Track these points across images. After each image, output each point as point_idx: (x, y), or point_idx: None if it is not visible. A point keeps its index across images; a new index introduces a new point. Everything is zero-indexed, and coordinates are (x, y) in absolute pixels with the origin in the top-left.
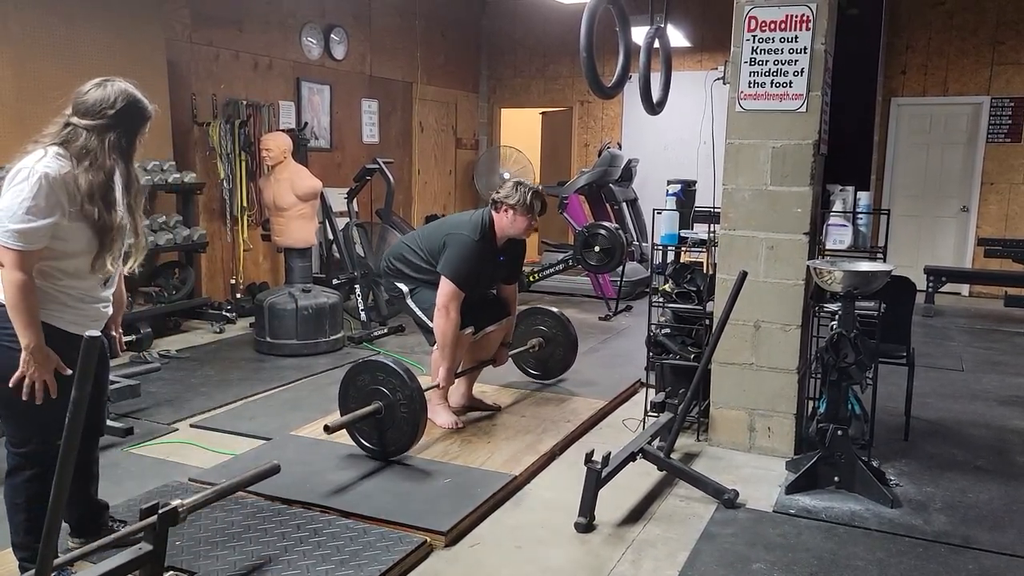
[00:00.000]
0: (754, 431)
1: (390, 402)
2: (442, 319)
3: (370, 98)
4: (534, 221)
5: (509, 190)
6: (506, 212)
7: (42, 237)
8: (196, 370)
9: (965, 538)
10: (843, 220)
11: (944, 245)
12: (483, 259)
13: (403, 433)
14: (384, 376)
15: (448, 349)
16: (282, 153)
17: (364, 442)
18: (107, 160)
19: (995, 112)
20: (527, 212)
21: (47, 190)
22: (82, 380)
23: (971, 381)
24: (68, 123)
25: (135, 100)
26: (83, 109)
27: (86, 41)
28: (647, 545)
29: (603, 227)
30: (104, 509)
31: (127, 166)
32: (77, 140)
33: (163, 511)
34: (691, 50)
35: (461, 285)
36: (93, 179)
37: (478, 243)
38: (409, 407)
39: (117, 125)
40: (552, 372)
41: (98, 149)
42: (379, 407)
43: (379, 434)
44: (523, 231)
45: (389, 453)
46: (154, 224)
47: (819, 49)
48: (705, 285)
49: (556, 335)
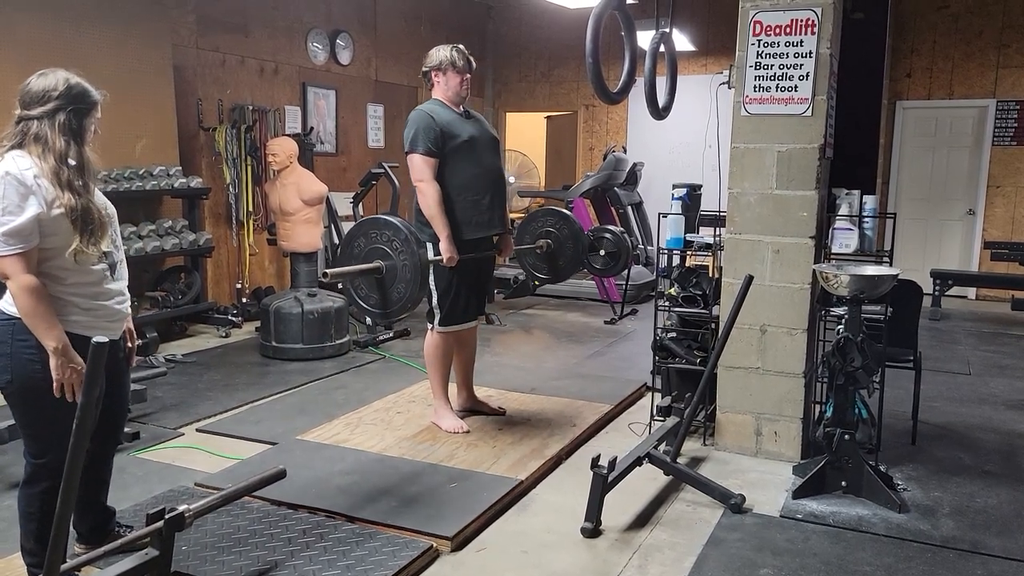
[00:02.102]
0: (760, 435)
1: (392, 262)
2: (420, 196)
3: (376, 103)
4: (466, 75)
5: (431, 56)
6: (438, 79)
7: (31, 233)
8: (202, 374)
9: (974, 543)
10: (849, 224)
11: (950, 248)
12: (442, 121)
13: (407, 284)
14: (381, 233)
15: (437, 219)
16: (288, 158)
17: (364, 304)
18: (58, 141)
19: (1001, 115)
20: (454, 67)
21: (15, 185)
22: (89, 386)
23: (978, 385)
24: (19, 119)
25: (77, 83)
26: (28, 99)
27: (92, 46)
28: (654, 550)
29: (608, 231)
30: (112, 516)
31: (79, 148)
32: (30, 131)
33: (169, 516)
34: (696, 54)
35: (422, 148)
36: (46, 164)
37: (426, 109)
38: (412, 266)
39: (64, 106)
40: (562, 274)
41: (49, 132)
42: (380, 266)
43: (381, 293)
44: (460, 87)
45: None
46: (160, 229)
47: (824, 53)
48: (711, 289)
49: (564, 235)
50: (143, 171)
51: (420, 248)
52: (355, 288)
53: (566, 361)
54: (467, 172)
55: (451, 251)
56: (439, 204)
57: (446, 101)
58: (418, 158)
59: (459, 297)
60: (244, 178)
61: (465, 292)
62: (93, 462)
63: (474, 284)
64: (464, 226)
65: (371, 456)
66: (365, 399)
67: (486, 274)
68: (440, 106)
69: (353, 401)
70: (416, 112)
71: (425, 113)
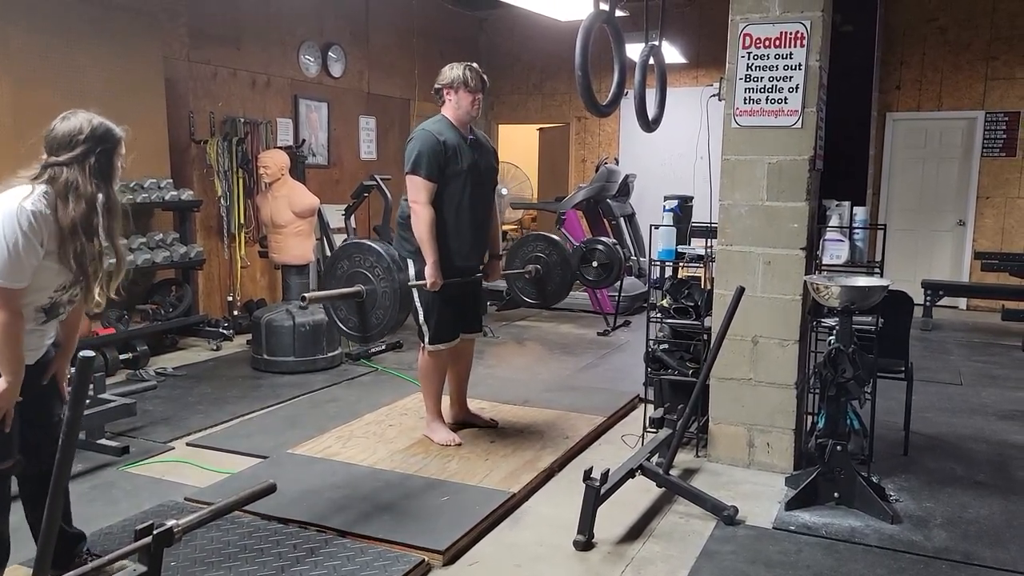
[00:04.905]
0: (753, 447)
1: (372, 287)
2: (413, 215)
3: (368, 115)
4: (477, 95)
5: (444, 74)
6: (449, 96)
7: (28, 275)
8: (193, 388)
9: (966, 554)
10: (840, 235)
11: (941, 259)
12: (446, 145)
13: (386, 311)
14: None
15: (426, 243)
16: (280, 170)
17: (343, 326)
18: (89, 186)
19: (990, 126)
20: (466, 86)
21: (34, 227)
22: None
23: (970, 395)
24: (46, 165)
25: (100, 123)
26: (56, 144)
27: (84, 59)
28: (646, 563)
29: (601, 242)
30: (79, 540)
31: (109, 189)
32: (60, 177)
33: (158, 532)
34: (687, 66)
35: (423, 172)
36: (75, 211)
37: (431, 130)
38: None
39: (92, 149)
40: (551, 299)
41: (80, 178)
42: (361, 290)
43: (360, 317)
44: (471, 107)
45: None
46: (151, 241)
47: (814, 65)
48: (703, 300)
49: (553, 261)
50: (134, 184)
51: (401, 273)
52: (335, 310)
53: (559, 373)
54: (458, 200)
55: (436, 276)
56: (431, 229)
57: (454, 120)
58: (419, 180)
59: (444, 316)
60: (236, 191)
61: (451, 312)
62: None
63: (460, 304)
64: (451, 252)
65: (363, 469)
66: (357, 412)
67: (472, 295)
68: (448, 127)
69: (345, 414)
70: (424, 132)
71: (433, 136)
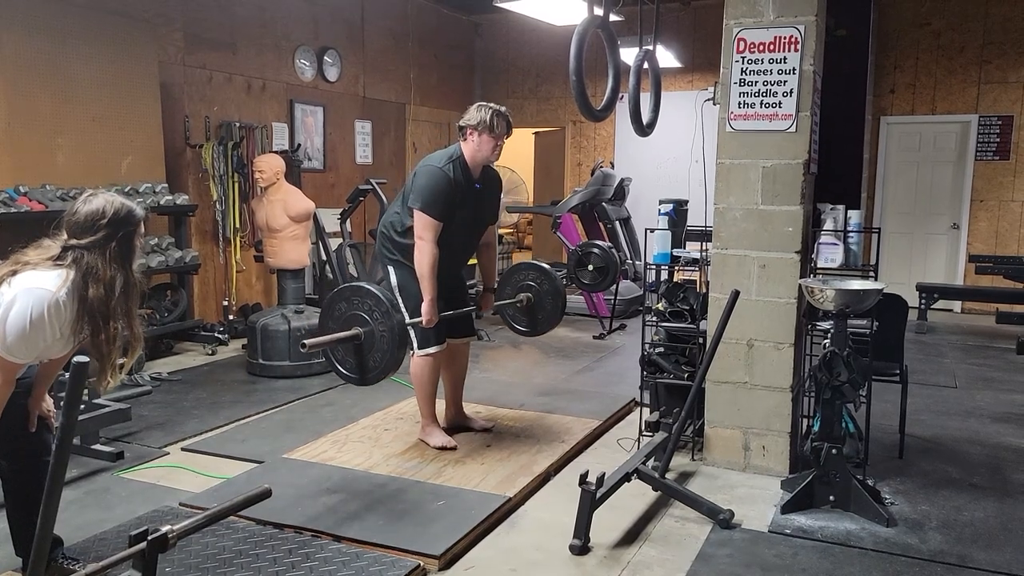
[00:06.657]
0: (749, 450)
1: (370, 328)
2: (418, 250)
3: (363, 119)
4: (501, 141)
5: (471, 113)
6: (472, 136)
7: (34, 354)
8: (188, 393)
9: (961, 557)
10: (834, 238)
11: (935, 262)
12: (456, 186)
13: (384, 354)
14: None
15: (427, 280)
16: (275, 174)
17: (340, 367)
18: (107, 271)
19: (983, 130)
20: (490, 131)
21: (61, 314)
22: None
23: (965, 398)
24: (67, 247)
25: (122, 205)
26: (78, 228)
27: (79, 63)
28: (643, 567)
29: (596, 246)
30: (55, 545)
31: (127, 273)
32: (81, 260)
33: (152, 537)
34: (682, 70)
35: (434, 214)
36: (93, 297)
37: (446, 170)
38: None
39: (114, 234)
40: (540, 327)
41: (100, 263)
42: (359, 333)
43: (358, 359)
44: (491, 152)
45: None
46: (146, 246)
47: (808, 70)
48: (698, 304)
49: (544, 290)
50: (129, 188)
51: (397, 313)
52: (332, 352)
53: (555, 377)
54: (448, 240)
55: (432, 314)
56: (433, 267)
57: (469, 160)
58: (429, 220)
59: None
60: (231, 195)
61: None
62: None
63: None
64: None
65: (358, 474)
66: (353, 416)
67: (462, 302)
68: (460, 169)
69: (341, 418)
70: (439, 172)
71: (447, 178)
